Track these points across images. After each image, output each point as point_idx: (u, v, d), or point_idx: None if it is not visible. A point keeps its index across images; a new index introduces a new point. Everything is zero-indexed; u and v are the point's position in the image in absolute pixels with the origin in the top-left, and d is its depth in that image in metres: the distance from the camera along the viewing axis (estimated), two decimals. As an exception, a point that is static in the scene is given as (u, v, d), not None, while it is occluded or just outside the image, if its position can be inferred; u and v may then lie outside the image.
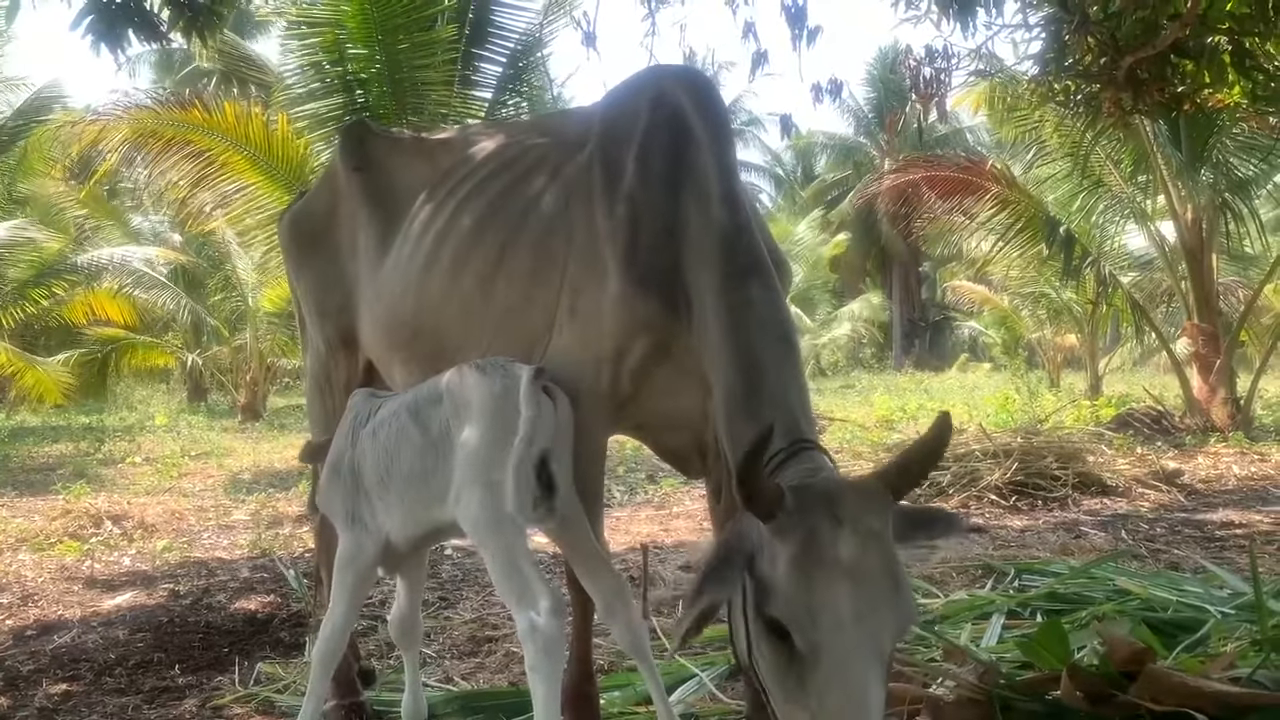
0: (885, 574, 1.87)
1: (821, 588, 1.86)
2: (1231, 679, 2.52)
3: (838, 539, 1.88)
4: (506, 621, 4.33)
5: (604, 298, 2.65)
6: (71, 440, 14.30)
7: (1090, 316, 17.79)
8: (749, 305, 2.41)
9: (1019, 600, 3.89)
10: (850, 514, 1.90)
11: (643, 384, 2.69)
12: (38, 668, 4.01)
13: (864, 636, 1.83)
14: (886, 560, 1.88)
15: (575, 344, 2.70)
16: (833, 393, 21.64)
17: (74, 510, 7.46)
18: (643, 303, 2.59)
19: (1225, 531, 5.99)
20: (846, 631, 1.83)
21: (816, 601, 1.86)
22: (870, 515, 1.91)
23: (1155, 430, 10.85)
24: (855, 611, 1.83)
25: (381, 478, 2.77)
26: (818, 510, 1.91)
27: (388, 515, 2.79)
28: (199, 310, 18.11)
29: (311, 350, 3.62)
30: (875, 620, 1.84)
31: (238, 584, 5.43)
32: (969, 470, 7.41)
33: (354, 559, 2.84)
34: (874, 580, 1.86)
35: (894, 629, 1.87)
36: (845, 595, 1.84)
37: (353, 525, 2.84)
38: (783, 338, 2.40)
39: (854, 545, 1.87)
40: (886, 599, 1.85)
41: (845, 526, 1.89)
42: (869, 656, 1.83)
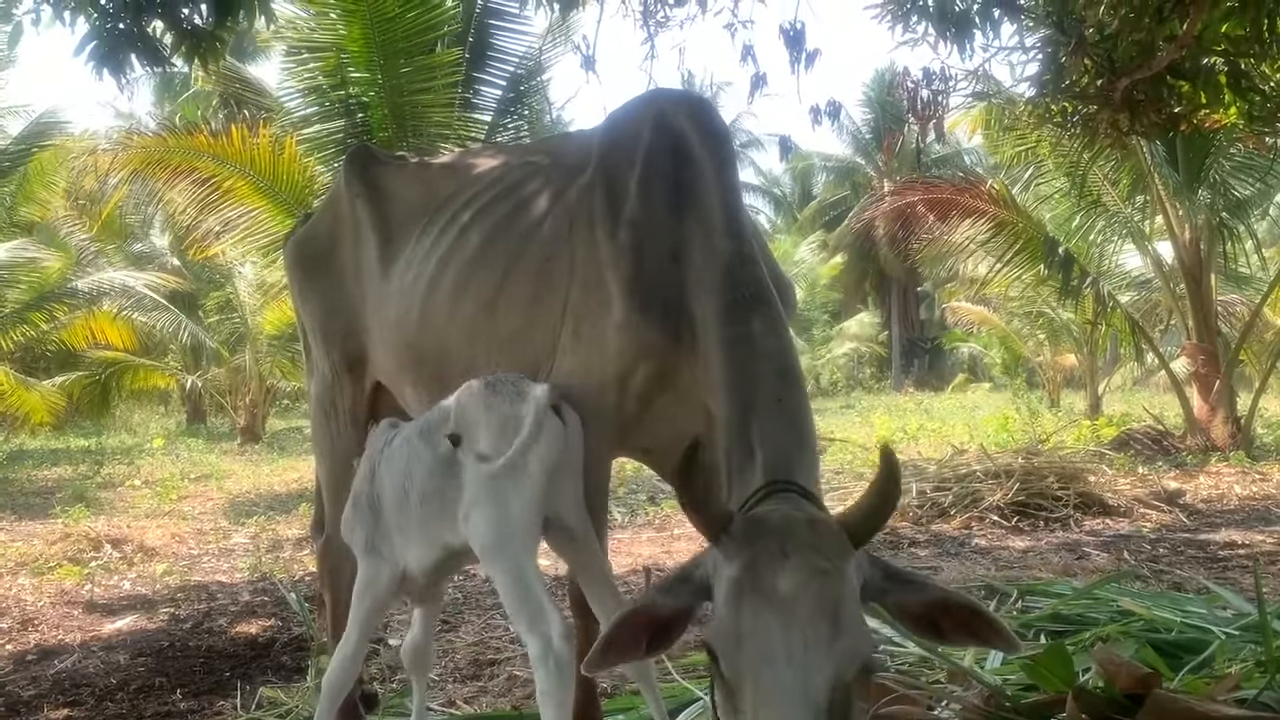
0: (825, 614, 1.75)
1: (749, 617, 1.79)
2: (1237, 701, 2.51)
3: (778, 571, 1.79)
4: (509, 645, 4.31)
5: (607, 324, 2.65)
6: (70, 463, 14.29)
7: (1089, 336, 17.82)
8: (750, 339, 2.37)
9: (1022, 621, 3.88)
10: (799, 549, 1.81)
11: (646, 409, 2.69)
12: (39, 693, 4.00)
13: (791, 674, 1.73)
14: (831, 601, 1.77)
15: (579, 369, 2.71)
16: (833, 413, 21.63)
17: (73, 534, 7.45)
18: (646, 330, 2.59)
19: (1228, 552, 5.98)
20: (771, 666, 1.74)
21: (744, 629, 1.78)
22: (821, 554, 1.81)
23: (1156, 450, 10.85)
24: (784, 647, 1.74)
25: (399, 503, 2.75)
26: (765, 540, 1.85)
27: (406, 544, 2.77)
28: (198, 332, 18.11)
29: (316, 374, 3.63)
30: (806, 659, 1.72)
31: (238, 608, 5.42)
32: (970, 491, 7.41)
33: (369, 588, 2.82)
34: (810, 618, 1.74)
35: (830, 673, 1.73)
36: (774, 628, 1.75)
37: (370, 554, 2.84)
38: (783, 370, 2.34)
39: (794, 580, 1.78)
40: (822, 640, 1.74)
41: (790, 560, 1.80)
42: (795, 696, 1.71)
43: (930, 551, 6.29)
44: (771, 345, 2.36)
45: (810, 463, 2.21)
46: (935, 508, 7.37)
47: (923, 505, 7.42)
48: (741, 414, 2.26)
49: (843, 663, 1.73)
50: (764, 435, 2.21)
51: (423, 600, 3.05)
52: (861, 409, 22.38)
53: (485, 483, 2.49)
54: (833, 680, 1.72)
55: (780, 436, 2.20)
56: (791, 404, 2.28)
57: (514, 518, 2.46)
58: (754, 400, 2.27)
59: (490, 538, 2.48)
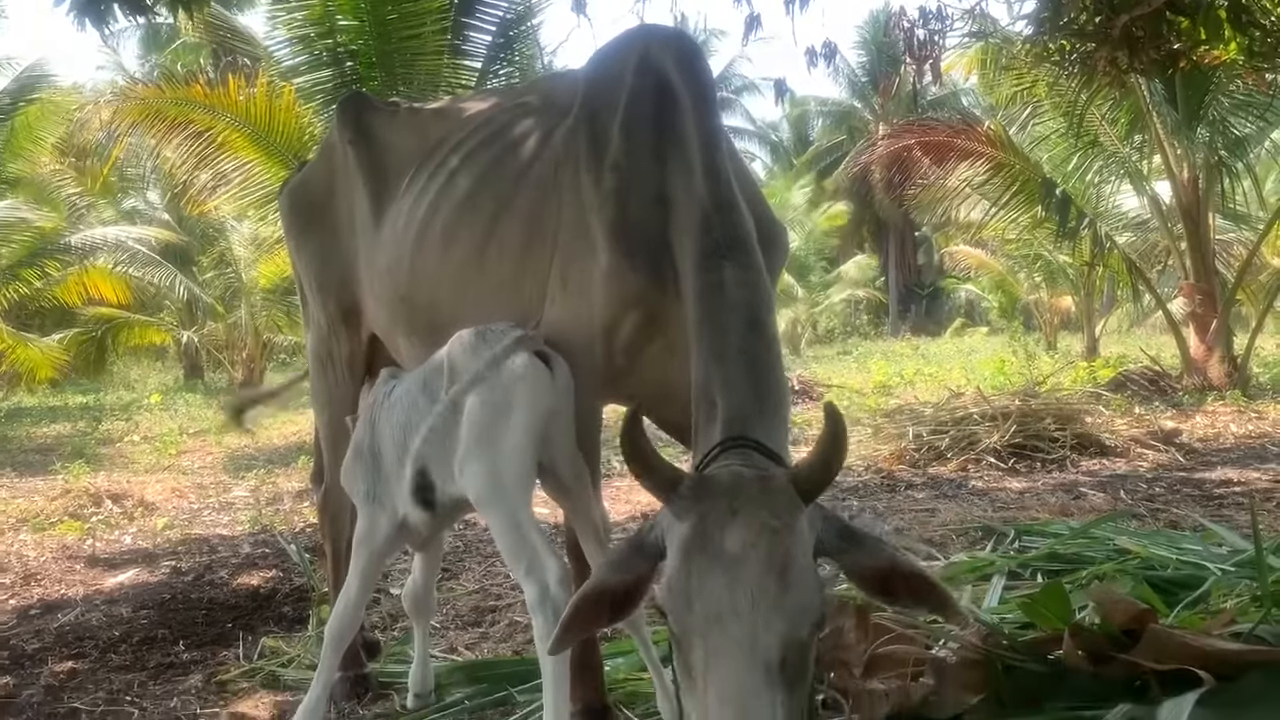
0: (773, 571, 1.74)
1: (698, 576, 1.78)
2: (1232, 635, 2.52)
3: (726, 529, 1.78)
4: (509, 592, 4.34)
5: (594, 270, 2.62)
6: (69, 420, 14.31)
7: (1086, 278, 17.79)
8: (719, 288, 2.31)
9: (1019, 561, 3.89)
10: (747, 507, 1.80)
11: (635, 357, 2.67)
12: (43, 646, 4.02)
13: (740, 632, 1.72)
14: (779, 558, 1.75)
15: (567, 316, 2.68)
16: (829, 359, 21.65)
17: (74, 490, 7.47)
18: (632, 277, 2.56)
19: (1224, 490, 6.01)
20: (720, 624, 1.74)
21: (692, 589, 1.78)
22: (770, 511, 1.80)
23: (1152, 390, 10.88)
24: (731, 605, 1.74)
25: (399, 454, 2.76)
26: (713, 499, 1.84)
27: (406, 495, 2.78)
28: (193, 287, 18.04)
29: (313, 326, 3.61)
30: (754, 617, 1.72)
31: (239, 560, 5.45)
32: (967, 434, 7.42)
33: (369, 537, 2.84)
34: (758, 576, 1.74)
35: (780, 630, 1.71)
36: (722, 587, 1.75)
37: (370, 503, 2.84)
38: (752, 322, 2.27)
39: (741, 538, 1.77)
40: (770, 597, 1.72)
41: (738, 518, 1.79)
42: (744, 654, 1.71)
43: (927, 494, 6.31)
44: (742, 295, 2.30)
45: (774, 416, 2.16)
46: (932, 451, 7.39)
47: (920, 449, 7.44)
48: (706, 366, 2.24)
49: (793, 620, 1.73)
50: (726, 388, 2.18)
51: (423, 548, 3.07)
52: (858, 355, 22.39)
53: (477, 435, 2.50)
54: (783, 637, 1.72)
55: (742, 390, 2.16)
56: (757, 356, 2.23)
57: (507, 467, 2.47)
58: (719, 352, 2.23)
59: (485, 488, 2.50)
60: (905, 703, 2.50)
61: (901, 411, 8.44)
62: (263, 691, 3.40)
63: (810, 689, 1.82)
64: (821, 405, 9.67)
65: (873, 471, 7.20)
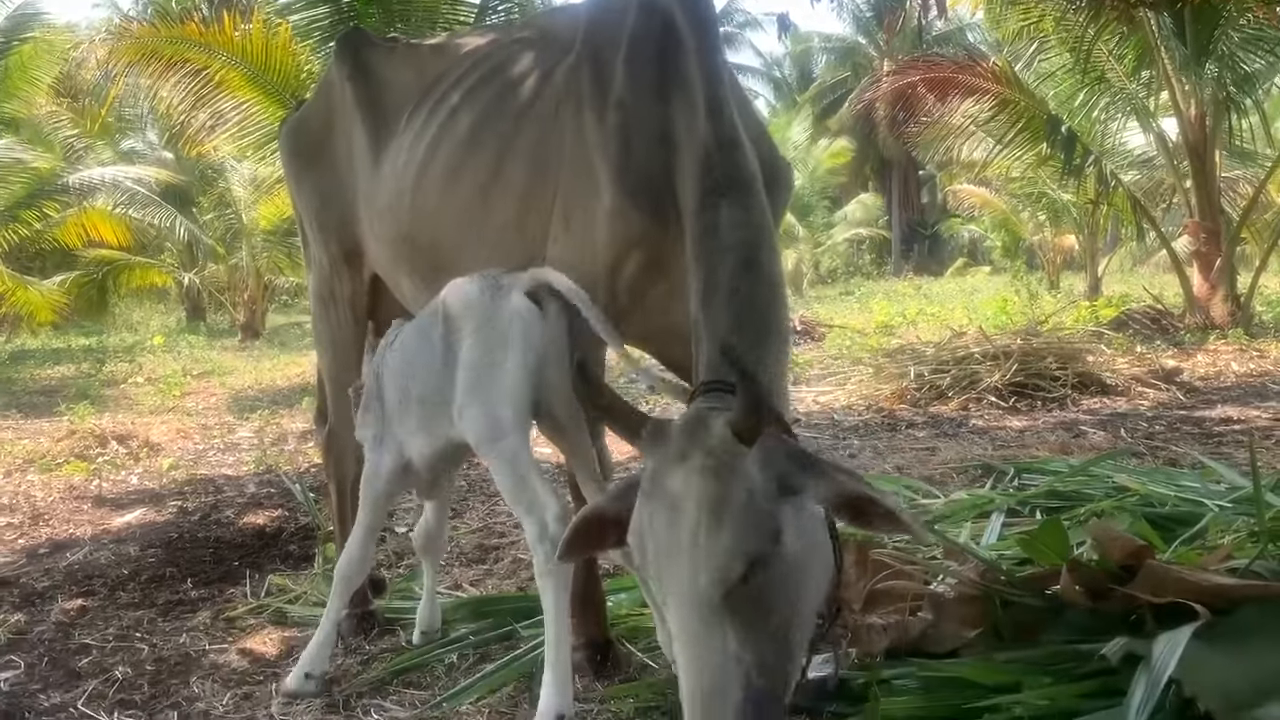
0: (710, 513, 1.79)
1: (648, 517, 1.86)
2: (1229, 570, 2.55)
3: (672, 473, 1.85)
4: (513, 530, 4.38)
5: (597, 210, 2.59)
6: (73, 362, 14.34)
7: (1090, 217, 17.70)
8: (715, 229, 2.29)
9: (1018, 499, 3.92)
10: (693, 450, 1.85)
11: (639, 297, 2.66)
12: (52, 584, 4.07)
13: (682, 571, 1.79)
14: (716, 500, 1.79)
15: (570, 257, 2.66)
16: (832, 300, 21.63)
17: (79, 431, 7.51)
18: (635, 216, 2.53)
19: (1224, 428, 6.03)
20: (668, 563, 1.82)
21: (645, 529, 1.86)
22: (713, 454, 1.84)
23: (1154, 329, 10.88)
24: (671, 545, 1.81)
25: (401, 399, 2.78)
26: (669, 443, 1.90)
27: (408, 437, 2.81)
28: (193, 229, 17.98)
29: (314, 266, 3.59)
30: (694, 556, 1.78)
31: (245, 500, 5.49)
32: (968, 373, 7.43)
33: (374, 478, 2.87)
34: (694, 517, 1.79)
35: (716, 568, 1.76)
36: (665, 527, 1.83)
37: (377, 447, 2.87)
38: (747, 262, 2.25)
39: (682, 480, 1.83)
40: (705, 537, 1.77)
41: (685, 462, 1.85)
42: (689, 591, 1.78)
43: (928, 433, 6.34)
44: (738, 236, 2.28)
45: (765, 356, 2.16)
46: (933, 390, 7.41)
47: (921, 388, 7.46)
48: (697, 307, 2.24)
49: (728, 558, 1.76)
50: (712, 330, 2.18)
51: (430, 495, 3.10)
52: (861, 295, 22.36)
53: (473, 379, 2.52)
54: (720, 575, 1.76)
55: (728, 331, 2.16)
56: (750, 297, 2.21)
57: (504, 411, 2.50)
58: (710, 294, 2.22)
59: (483, 431, 2.53)
60: (903, 637, 2.54)
61: (903, 351, 8.44)
62: (270, 628, 3.45)
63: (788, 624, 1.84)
64: (824, 345, 9.68)
65: (874, 411, 7.22)
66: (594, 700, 2.66)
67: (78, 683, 3.06)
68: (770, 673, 1.79)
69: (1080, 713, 2.01)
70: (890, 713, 2.19)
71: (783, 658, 1.83)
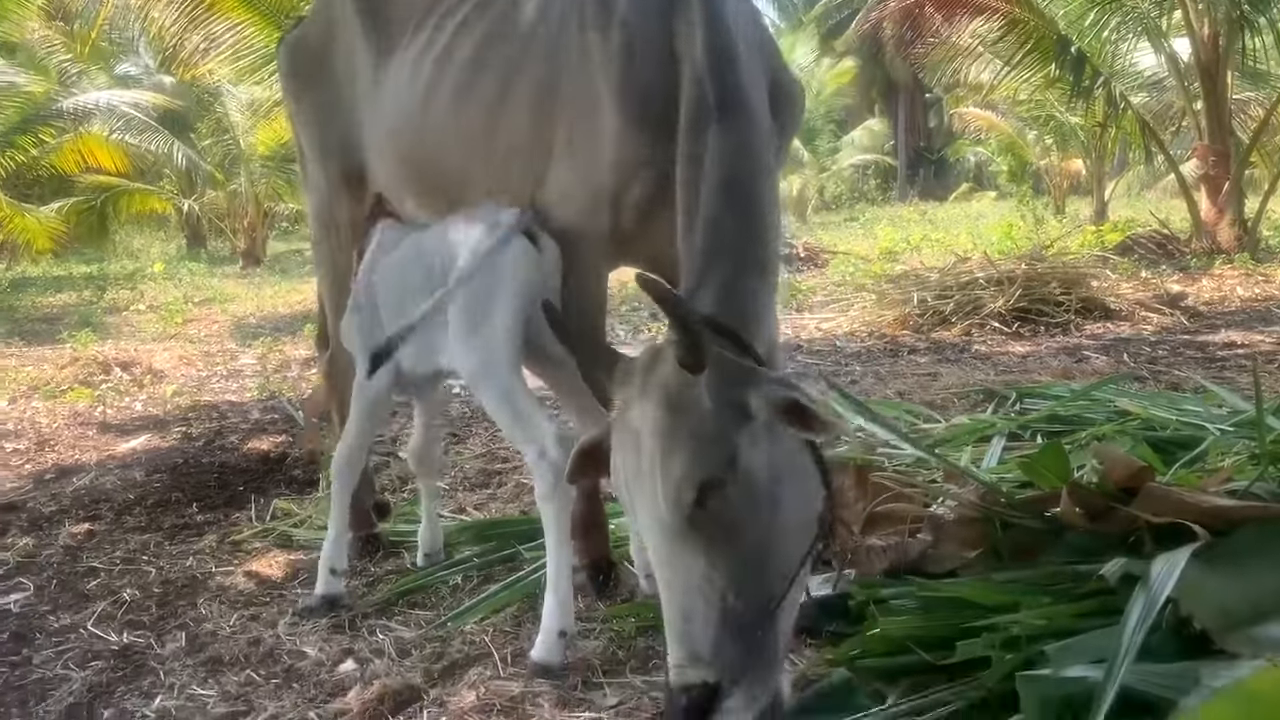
0: (661, 440, 1.86)
1: (617, 448, 1.97)
2: (1228, 493, 2.55)
3: (631, 405, 1.95)
4: (515, 455, 4.40)
5: (601, 132, 2.54)
6: (74, 290, 14.33)
7: (1098, 140, 17.50)
8: (700, 154, 2.24)
9: (1020, 423, 3.92)
10: (649, 383, 1.93)
11: (644, 222, 2.63)
12: (59, 509, 4.11)
13: (638, 496, 1.91)
14: (661, 425, 1.87)
15: (573, 180, 2.63)
16: (836, 226, 21.49)
17: (82, 358, 7.53)
18: (640, 139, 2.48)
19: (1227, 352, 6.02)
20: (628, 490, 1.94)
21: (615, 460, 1.98)
22: (661, 385, 1.90)
23: (1160, 254, 10.81)
24: (628, 473, 1.93)
25: (396, 311, 2.79)
26: (631, 378, 1.98)
27: (403, 347, 2.81)
28: (191, 155, 17.80)
29: (314, 189, 3.54)
30: (650, 482, 1.87)
31: (249, 426, 5.51)
32: (972, 298, 7.40)
33: (365, 386, 2.90)
34: (647, 445, 1.88)
35: (670, 491, 1.83)
36: (626, 456, 1.94)
37: (368, 355, 2.88)
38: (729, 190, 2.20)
39: (637, 412, 1.93)
40: (656, 465, 1.86)
41: (642, 396, 1.93)
42: (647, 515, 1.89)
43: (930, 359, 6.34)
44: (724, 162, 2.22)
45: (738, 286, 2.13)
46: (936, 316, 7.39)
47: (924, 314, 7.44)
48: (680, 237, 2.22)
49: (679, 486, 1.83)
50: (690, 258, 2.17)
51: (421, 395, 3.11)
52: (865, 221, 22.21)
53: (468, 317, 2.52)
54: (671, 498, 1.83)
55: (705, 261, 2.14)
56: (730, 226, 2.18)
57: (497, 347, 2.53)
58: (691, 222, 2.20)
59: (477, 367, 2.57)
60: (902, 558, 2.56)
61: (906, 277, 8.39)
62: (276, 551, 3.48)
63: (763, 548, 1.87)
64: (828, 272, 9.61)
65: (876, 337, 7.21)
66: (596, 620, 2.69)
67: (86, 604, 3.11)
68: (747, 593, 1.83)
69: (1077, 632, 2.02)
70: (889, 632, 2.21)
71: (761, 578, 1.86)
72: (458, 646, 2.61)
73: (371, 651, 2.63)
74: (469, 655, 2.56)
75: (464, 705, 2.30)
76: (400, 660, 2.57)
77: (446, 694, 2.37)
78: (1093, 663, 1.84)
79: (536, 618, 2.58)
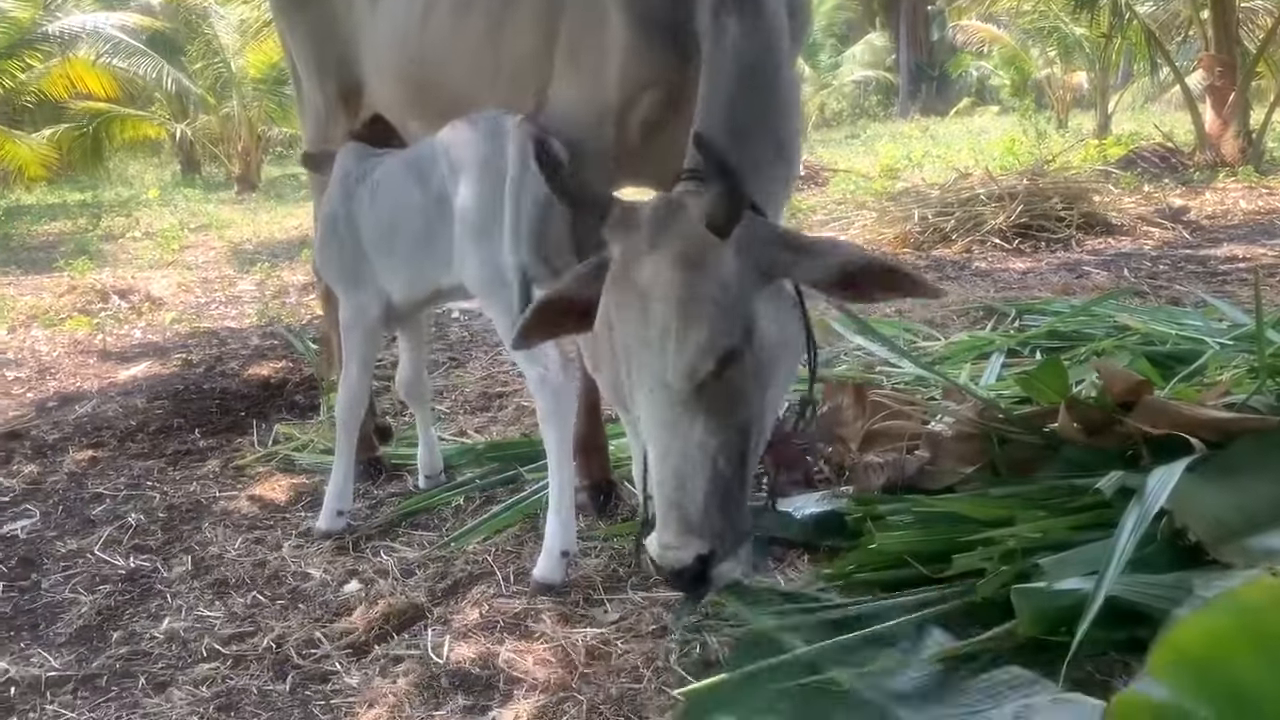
0: (679, 305, 1.78)
1: (616, 306, 1.87)
2: (1226, 405, 2.56)
3: (641, 262, 1.84)
4: (516, 379, 4.41)
5: (607, 45, 2.46)
6: (69, 217, 14.23)
7: (1102, 51, 17.19)
8: (721, 42, 2.18)
9: (1019, 339, 3.92)
10: (664, 239, 1.84)
11: (654, 137, 2.57)
12: (62, 436, 4.13)
13: (649, 361, 1.81)
14: (685, 291, 1.79)
15: (577, 95, 2.55)
16: (837, 143, 21.22)
17: (80, 286, 7.51)
18: (649, 53, 2.40)
19: (1228, 266, 6.00)
20: (633, 354, 1.84)
21: (613, 318, 1.87)
22: (682, 245, 1.82)
23: (1163, 168, 10.68)
24: (640, 337, 1.82)
25: (384, 239, 2.75)
26: (639, 229, 1.88)
27: (392, 276, 2.79)
28: (181, 78, 17.51)
29: (309, 109, 3.48)
30: (662, 348, 1.79)
31: (249, 352, 5.52)
32: (973, 215, 7.34)
33: (358, 320, 2.88)
34: (663, 311, 1.79)
35: (686, 361, 1.77)
36: (633, 318, 1.83)
37: (354, 287, 2.85)
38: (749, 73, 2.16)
39: (651, 271, 1.82)
40: (673, 331, 1.78)
41: (654, 251, 1.84)
42: (655, 382, 1.80)
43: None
44: (742, 46, 2.18)
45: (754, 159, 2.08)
46: (937, 233, 7.33)
47: (924, 231, 7.38)
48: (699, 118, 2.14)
49: (695, 351, 1.77)
50: (704, 120, 2.11)
51: (403, 324, 3.08)
52: (867, 138, 21.91)
53: (474, 226, 2.47)
54: (688, 369, 1.78)
55: (720, 127, 2.08)
56: (748, 106, 2.14)
57: (505, 258, 2.45)
58: (711, 102, 2.14)
59: (485, 280, 2.51)
60: (900, 475, 2.58)
61: (908, 194, 8.32)
62: (279, 475, 3.51)
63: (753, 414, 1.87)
64: (828, 189, 9.49)
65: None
66: (597, 538, 2.72)
67: (93, 529, 3.14)
68: (736, 457, 1.84)
69: (1073, 545, 2.04)
70: (885, 548, 2.24)
71: (747, 441, 1.86)
72: (460, 566, 2.65)
73: (376, 572, 2.67)
74: (472, 574, 2.59)
75: (467, 622, 2.34)
76: (404, 580, 2.60)
77: (450, 612, 2.41)
78: (1087, 574, 1.86)
79: (538, 537, 2.61)
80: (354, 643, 2.32)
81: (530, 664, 2.14)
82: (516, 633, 2.28)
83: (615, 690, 2.01)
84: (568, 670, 2.11)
